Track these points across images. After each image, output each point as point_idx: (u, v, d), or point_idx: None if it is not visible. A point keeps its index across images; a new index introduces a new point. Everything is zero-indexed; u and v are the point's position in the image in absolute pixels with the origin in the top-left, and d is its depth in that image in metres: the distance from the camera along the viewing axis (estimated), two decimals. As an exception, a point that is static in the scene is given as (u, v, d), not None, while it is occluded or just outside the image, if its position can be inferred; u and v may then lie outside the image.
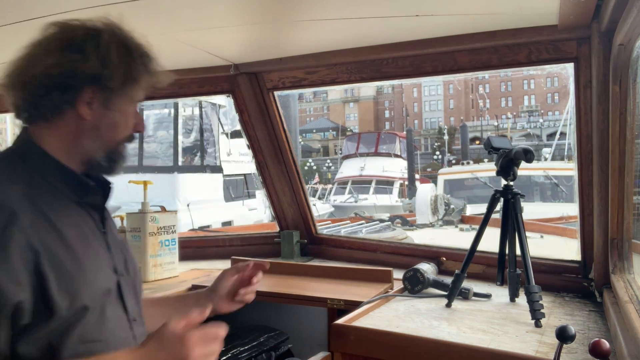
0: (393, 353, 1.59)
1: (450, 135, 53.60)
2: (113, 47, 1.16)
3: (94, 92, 1.14)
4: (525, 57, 2.04)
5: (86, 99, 1.14)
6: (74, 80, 1.12)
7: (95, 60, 1.12)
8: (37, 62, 1.13)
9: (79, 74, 1.12)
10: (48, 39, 1.16)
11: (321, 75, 2.43)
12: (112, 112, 1.19)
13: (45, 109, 1.14)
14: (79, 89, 1.13)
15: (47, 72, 1.11)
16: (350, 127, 75.47)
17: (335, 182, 24.79)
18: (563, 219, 7.40)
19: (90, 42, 1.14)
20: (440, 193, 8.81)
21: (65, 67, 1.11)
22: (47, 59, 1.12)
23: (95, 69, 1.12)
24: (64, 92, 1.12)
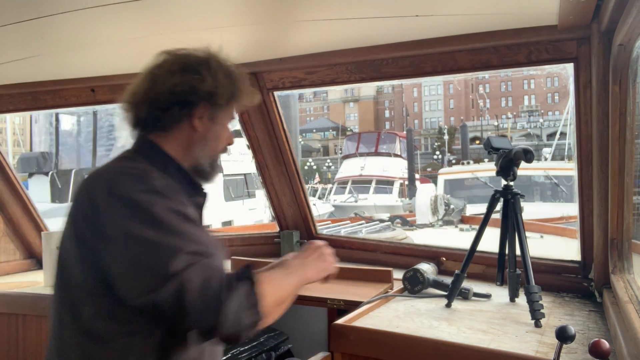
0: (393, 353, 1.59)
1: (450, 135, 53.58)
2: (221, 70, 1.39)
3: (205, 107, 1.36)
4: (525, 57, 2.04)
5: (199, 113, 1.35)
6: (192, 97, 1.34)
7: (209, 80, 1.35)
8: (162, 82, 1.35)
9: (198, 92, 1.34)
10: (167, 63, 1.40)
11: (321, 75, 2.43)
12: (217, 125, 1.40)
13: (165, 121, 1.34)
14: (196, 104, 1.34)
15: (172, 90, 1.33)
16: (350, 127, 75.46)
17: (335, 182, 24.78)
18: (563, 219, 7.39)
19: (203, 66, 1.37)
20: (440, 193, 8.80)
21: (187, 86, 1.33)
22: (171, 80, 1.34)
23: (210, 88, 1.35)
24: (183, 107, 1.34)
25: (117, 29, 1.95)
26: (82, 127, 12.11)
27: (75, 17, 1.75)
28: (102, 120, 11.54)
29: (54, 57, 2.31)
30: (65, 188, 10.98)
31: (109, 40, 2.08)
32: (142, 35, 2.02)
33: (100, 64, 2.51)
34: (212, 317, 1.11)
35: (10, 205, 3.04)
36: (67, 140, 12.33)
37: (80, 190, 1.25)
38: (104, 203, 1.18)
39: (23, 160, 12.34)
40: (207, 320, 1.11)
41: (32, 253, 3.13)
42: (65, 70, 2.59)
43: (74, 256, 1.22)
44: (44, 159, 11.77)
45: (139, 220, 1.15)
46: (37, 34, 1.95)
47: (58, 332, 1.32)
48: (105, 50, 2.22)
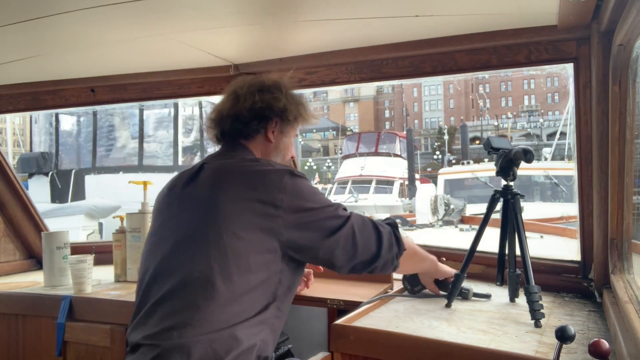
0: (393, 353, 1.59)
1: (450, 135, 53.59)
2: (290, 92, 1.70)
3: (277, 122, 1.66)
4: (525, 58, 2.04)
5: (271, 127, 1.66)
6: (268, 112, 1.63)
7: (282, 100, 1.65)
8: (244, 100, 1.63)
9: (273, 108, 1.64)
10: (246, 84, 1.68)
11: (321, 75, 2.44)
12: (286, 137, 1.70)
13: (245, 132, 1.63)
14: (270, 119, 1.65)
15: (252, 106, 1.62)
16: (350, 127, 75.49)
17: (335, 182, 24.79)
18: (563, 219, 7.40)
19: (277, 88, 1.67)
20: (440, 193, 8.81)
21: (265, 104, 1.63)
22: (252, 98, 1.62)
23: (282, 106, 1.64)
24: (260, 121, 1.63)
25: (117, 29, 1.95)
26: (82, 128, 12.10)
27: (75, 17, 1.75)
28: (102, 121, 11.54)
29: (54, 57, 2.31)
30: (65, 188, 10.97)
31: (109, 40, 2.08)
32: (142, 35, 2.02)
33: (100, 64, 2.51)
34: (376, 246, 1.58)
35: (10, 205, 3.04)
36: (67, 140, 12.32)
37: (254, 181, 1.46)
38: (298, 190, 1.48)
39: (23, 160, 12.33)
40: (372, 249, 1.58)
41: (32, 253, 3.13)
42: (65, 70, 2.59)
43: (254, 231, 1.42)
44: (44, 160, 11.77)
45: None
46: (37, 34, 1.95)
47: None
48: (105, 50, 2.22)
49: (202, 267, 1.37)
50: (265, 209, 1.42)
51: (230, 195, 1.43)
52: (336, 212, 1.53)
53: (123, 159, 11.69)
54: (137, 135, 11.29)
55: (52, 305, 2.26)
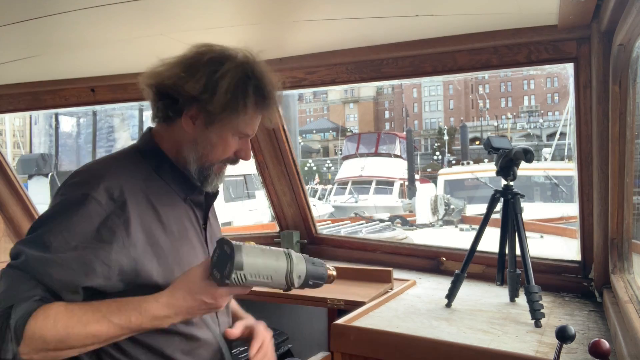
0: (393, 353, 1.58)
1: (450, 135, 53.58)
2: (227, 77, 1.29)
3: (198, 110, 1.29)
4: (525, 57, 2.04)
5: (190, 114, 1.30)
6: (178, 95, 1.29)
7: (199, 84, 1.27)
8: (160, 72, 1.33)
9: (181, 92, 1.28)
10: (182, 56, 1.35)
11: (321, 75, 2.43)
12: (212, 133, 1.31)
13: (160, 112, 1.34)
14: (184, 104, 1.29)
15: (162, 81, 1.31)
16: (350, 128, 75.50)
17: (336, 183, 24.78)
18: (563, 219, 7.40)
19: (207, 68, 1.29)
20: (440, 193, 8.81)
21: (171, 82, 1.29)
22: (170, 71, 1.30)
23: (195, 91, 1.26)
24: (174, 103, 1.30)
25: (117, 29, 1.95)
26: (82, 129, 12.11)
27: (76, 17, 1.75)
28: (101, 122, 11.55)
29: (54, 57, 2.31)
30: (65, 189, 10.96)
31: (109, 40, 2.08)
32: (142, 35, 2.02)
33: (100, 64, 2.51)
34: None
35: (10, 205, 3.04)
36: (67, 141, 12.33)
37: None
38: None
39: (23, 161, 12.33)
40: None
41: (32, 253, 3.13)
42: (65, 70, 2.59)
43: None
44: (43, 161, 11.77)
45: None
46: (37, 34, 1.95)
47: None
48: (105, 50, 2.22)
49: None
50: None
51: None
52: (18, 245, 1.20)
53: (123, 159, 11.66)
54: (137, 136, 11.30)
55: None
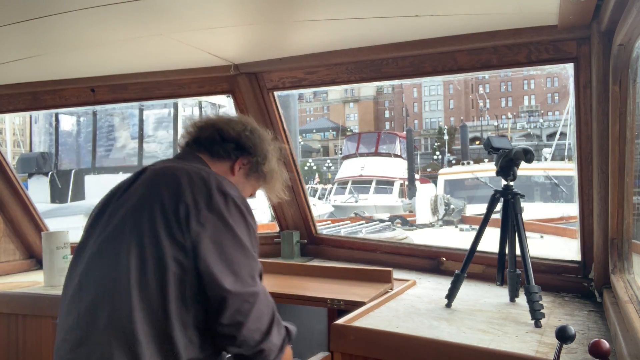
0: (393, 353, 1.59)
1: (450, 135, 53.58)
2: (275, 151, 1.69)
3: (249, 162, 1.62)
4: (525, 57, 2.04)
5: (242, 161, 1.61)
6: (249, 149, 1.60)
7: (267, 149, 1.64)
8: (235, 126, 1.61)
9: (256, 149, 1.61)
10: (243, 119, 1.69)
11: (321, 75, 2.43)
12: (247, 182, 1.64)
13: (217, 149, 1.57)
14: (247, 154, 1.61)
15: (240, 133, 1.60)
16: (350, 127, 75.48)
17: (336, 182, 24.77)
18: (563, 219, 7.39)
19: (266, 140, 1.67)
20: (440, 193, 8.81)
21: (250, 142, 1.61)
22: (244, 128, 1.62)
23: (264, 154, 1.63)
24: (237, 149, 1.59)
25: (117, 29, 1.95)
26: (82, 128, 12.10)
27: (75, 17, 1.75)
28: (101, 121, 11.53)
29: (54, 57, 2.31)
30: (65, 188, 10.97)
31: (109, 40, 2.08)
32: (142, 35, 2.02)
33: (100, 64, 2.51)
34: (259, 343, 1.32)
35: (10, 205, 3.04)
36: (67, 140, 12.31)
37: (176, 183, 1.37)
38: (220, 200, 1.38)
39: (23, 160, 12.32)
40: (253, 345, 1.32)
41: (32, 253, 3.13)
42: (65, 70, 2.59)
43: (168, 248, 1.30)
44: (43, 160, 11.76)
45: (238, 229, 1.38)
46: (37, 34, 1.95)
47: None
48: (105, 50, 2.22)
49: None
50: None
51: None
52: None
53: (123, 159, 11.68)
54: (137, 135, 11.29)
55: (52, 305, 2.25)
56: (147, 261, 1.28)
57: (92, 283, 1.32)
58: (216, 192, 1.37)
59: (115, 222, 1.36)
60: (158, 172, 1.44)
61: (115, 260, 1.30)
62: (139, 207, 1.35)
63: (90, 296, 1.30)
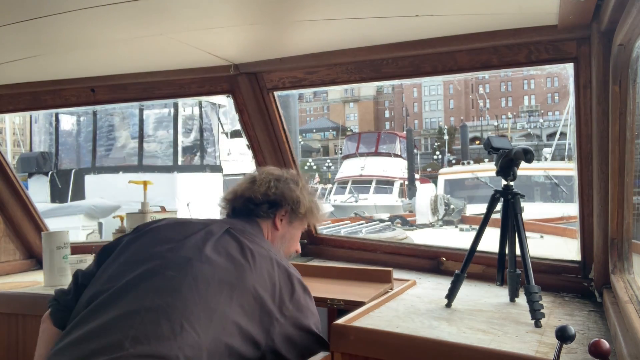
0: (393, 353, 1.59)
1: (450, 135, 53.60)
2: (306, 187, 1.80)
3: (286, 212, 1.74)
4: (525, 57, 2.04)
5: (281, 215, 1.73)
6: (280, 200, 1.72)
7: (297, 192, 1.74)
8: (260, 185, 1.72)
9: (286, 198, 1.73)
10: (264, 172, 1.79)
11: (321, 75, 2.43)
12: (293, 229, 1.78)
13: (257, 212, 1.69)
14: (281, 207, 1.72)
15: (267, 191, 1.71)
16: (350, 127, 75.50)
17: (335, 182, 24.79)
18: (563, 219, 7.40)
19: (293, 181, 1.78)
20: (440, 193, 8.82)
21: (279, 191, 1.72)
22: (268, 184, 1.72)
23: (297, 197, 1.74)
24: (271, 206, 1.71)
25: (117, 29, 1.95)
26: (82, 127, 12.10)
27: (75, 17, 1.75)
28: (101, 121, 11.54)
29: (54, 57, 2.31)
30: (65, 188, 10.97)
31: (109, 40, 2.08)
32: (142, 35, 2.02)
33: (100, 64, 2.51)
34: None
35: (10, 205, 3.03)
36: (67, 140, 12.31)
37: (271, 276, 1.46)
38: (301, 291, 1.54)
39: (23, 160, 12.33)
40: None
41: (32, 253, 3.13)
42: (65, 70, 2.59)
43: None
44: (43, 159, 11.76)
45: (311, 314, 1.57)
46: (37, 34, 1.95)
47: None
48: (105, 50, 2.22)
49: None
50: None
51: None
52: None
53: (123, 158, 11.68)
54: (137, 135, 11.30)
55: (52, 305, 2.25)
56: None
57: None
58: (298, 285, 1.53)
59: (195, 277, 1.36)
60: (258, 254, 1.48)
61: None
62: (224, 280, 1.38)
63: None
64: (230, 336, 1.31)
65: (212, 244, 1.45)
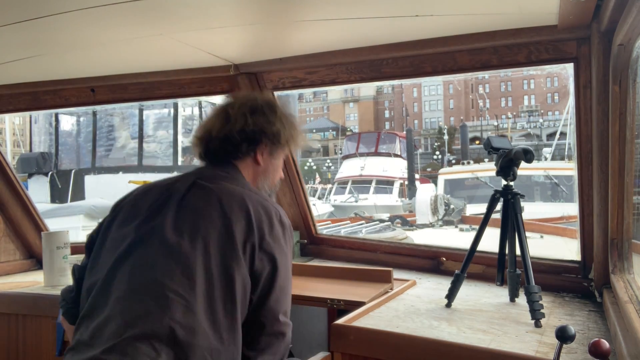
0: (393, 353, 1.59)
1: (450, 135, 53.60)
2: (283, 114, 1.63)
3: (266, 145, 1.60)
4: (525, 57, 2.04)
5: (262, 150, 1.60)
6: (260, 136, 1.58)
7: (277, 123, 1.59)
8: (235, 122, 1.56)
9: (266, 132, 1.58)
10: (237, 104, 1.61)
11: (321, 75, 2.43)
12: (275, 160, 1.65)
13: (235, 153, 1.57)
14: (260, 142, 1.58)
15: (244, 128, 1.56)
16: (350, 127, 75.50)
17: (335, 182, 24.79)
18: (563, 218, 7.39)
19: (270, 109, 1.61)
20: (440, 193, 8.82)
21: (257, 127, 1.57)
22: (244, 120, 1.56)
23: (276, 130, 1.59)
24: (250, 144, 1.57)
25: (117, 29, 1.95)
26: (82, 128, 12.11)
27: (75, 17, 1.75)
28: (101, 121, 11.55)
29: (54, 57, 2.31)
30: (65, 188, 10.98)
31: (109, 40, 2.08)
32: (142, 35, 2.02)
33: (100, 64, 2.51)
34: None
35: (10, 205, 3.04)
36: (67, 140, 12.33)
37: (255, 205, 1.42)
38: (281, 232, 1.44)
39: (23, 160, 12.33)
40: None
41: (32, 253, 3.13)
42: (65, 70, 2.59)
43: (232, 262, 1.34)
44: (43, 160, 11.77)
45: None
46: (37, 34, 1.95)
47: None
48: (105, 50, 2.22)
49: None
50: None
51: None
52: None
53: (123, 159, 11.69)
54: (137, 135, 11.30)
55: (52, 305, 2.25)
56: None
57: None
58: (277, 223, 1.43)
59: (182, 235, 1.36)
60: (226, 195, 1.43)
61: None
62: (209, 230, 1.36)
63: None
64: (220, 283, 1.31)
65: (176, 203, 1.42)
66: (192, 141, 1.65)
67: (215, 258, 1.32)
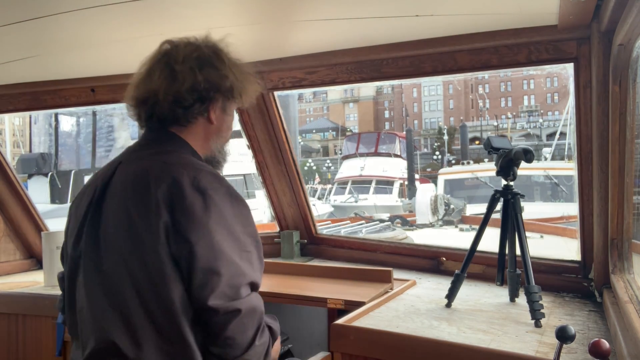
0: (393, 353, 1.59)
1: (450, 135, 53.58)
2: (234, 63, 1.43)
3: (218, 101, 1.40)
4: (525, 57, 2.04)
5: (213, 110, 1.40)
6: (213, 94, 1.38)
7: (230, 76, 1.39)
8: (183, 79, 1.34)
9: (220, 89, 1.38)
10: (181, 57, 1.37)
11: (321, 75, 2.43)
12: (228, 115, 1.46)
13: (185, 117, 1.37)
14: (213, 99, 1.39)
15: (194, 87, 1.34)
16: (350, 127, 75.48)
17: (335, 182, 24.78)
18: (563, 218, 7.39)
19: (219, 60, 1.40)
20: (440, 193, 8.82)
21: (209, 84, 1.36)
22: (194, 76, 1.34)
23: (230, 84, 1.39)
24: (203, 103, 1.37)
25: (117, 29, 1.95)
26: (82, 128, 12.12)
27: (75, 17, 1.75)
28: (101, 121, 11.56)
29: (54, 57, 2.31)
30: (65, 189, 10.98)
31: (109, 40, 2.08)
32: (142, 35, 2.02)
33: (100, 64, 2.51)
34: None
35: (10, 205, 3.04)
36: (67, 141, 12.34)
37: (158, 178, 1.26)
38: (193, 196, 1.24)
39: (23, 161, 12.34)
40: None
41: (32, 253, 3.13)
42: (65, 70, 2.59)
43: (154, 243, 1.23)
44: (43, 160, 11.78)
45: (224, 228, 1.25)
46: (37, 34, 1.95)
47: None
48: (105, 50, 2.22)
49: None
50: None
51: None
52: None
53: (123, 159, 11.67)
54: (137, 135, 11.30)
55: (52, 305, 2.25)
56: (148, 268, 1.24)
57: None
58: (190, 192, 1.24)
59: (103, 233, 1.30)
60: (131, 188, 1.30)
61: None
62: (122, 223, 1.27)
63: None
64: (151, 291, 1.23)
65: (92, 216, 1.33)
66: (130, 102, 1.44)
67: (140, 269, 1.23)
